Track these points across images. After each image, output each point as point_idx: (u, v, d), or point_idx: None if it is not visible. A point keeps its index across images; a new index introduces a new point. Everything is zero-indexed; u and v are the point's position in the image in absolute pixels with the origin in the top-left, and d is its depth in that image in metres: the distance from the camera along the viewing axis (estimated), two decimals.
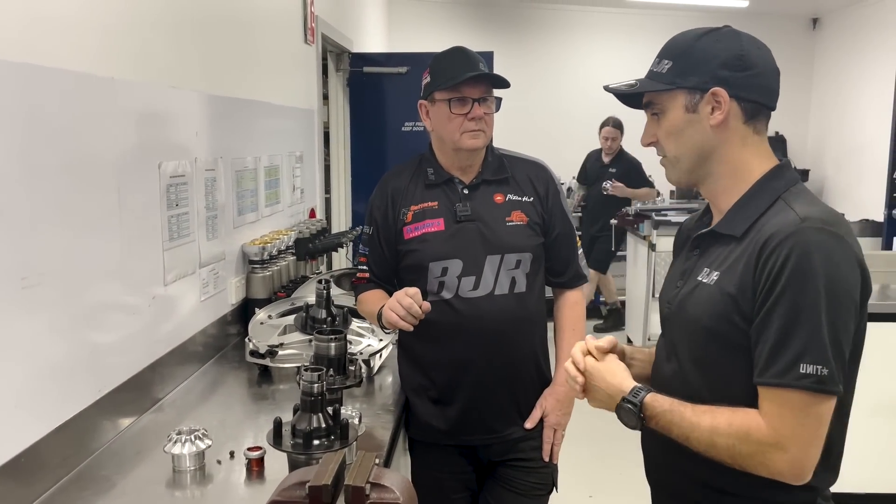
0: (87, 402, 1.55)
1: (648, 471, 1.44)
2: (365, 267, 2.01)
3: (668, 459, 1.32)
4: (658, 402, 1.22)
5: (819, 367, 1.11)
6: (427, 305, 1.73)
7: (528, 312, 1.93)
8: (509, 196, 1.92)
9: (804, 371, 1.11)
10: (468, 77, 1.80)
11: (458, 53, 1.88)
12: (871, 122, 6.57)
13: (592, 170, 6.14)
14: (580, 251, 2.03)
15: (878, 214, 5.33)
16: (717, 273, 1.24)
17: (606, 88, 1.34)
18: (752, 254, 1.18)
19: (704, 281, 1.26)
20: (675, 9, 7.29)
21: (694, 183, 1.32)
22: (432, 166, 1.94)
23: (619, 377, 1.28)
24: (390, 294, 1.91)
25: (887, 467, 3.06)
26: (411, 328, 1.75)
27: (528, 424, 1.95)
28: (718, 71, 1.23)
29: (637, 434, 1.31)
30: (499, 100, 1.91)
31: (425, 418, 1.94)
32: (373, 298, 1.94)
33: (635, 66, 1.51)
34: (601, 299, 6.83)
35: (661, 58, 1.29)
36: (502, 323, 1.87)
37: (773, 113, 1.30)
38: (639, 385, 1.26)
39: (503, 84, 1.87)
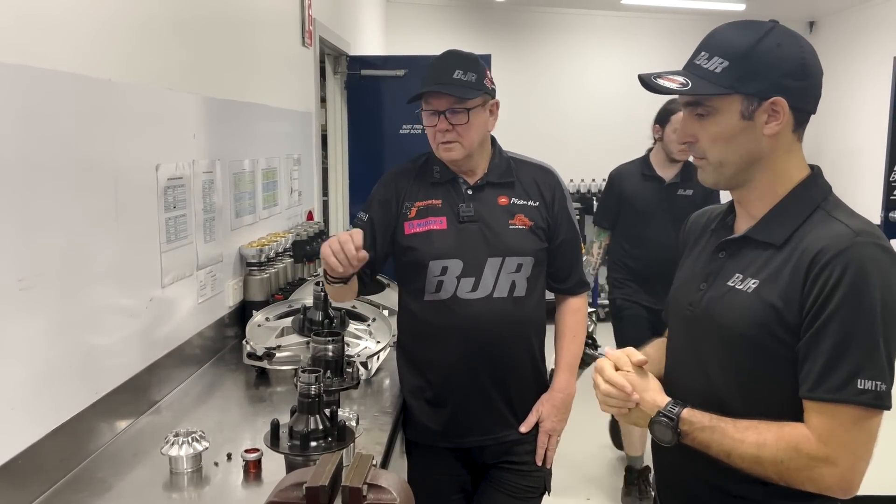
0: (84, 405, 1.55)
1: (660, 476, 1.42)
2: None
3: (682, 465, 1.30)
4: (696, 417, 1.20)
5: (878, 382, 1.10)
6: (364, 255, 1.67)
7: (526, 316, 1.91)
8: (513, 200, 1.91)
9: (862, 387, 1.10)
10: (422, 91, 1.82)
11: (437, 61, 1.87)
12: (867, 124, 6.58)
13: (643, 197, 3.32)
14: (584, 258, 2.03)
15: (875, 217, 5.35)
16: (754, 281, 1.20)
17: (646, 79, 1.23)
18: (798, 265, 1.15)
19: (739, 287, 1.22)
20: (672, 12, 7.31)
21: (730, 187, 1.28)
22: (438, 164, 1.93)
23: (651, 392, 1.25)
24: (360, 280, 1.88)
25: (890, 469, 3.06)
26: (344, 274, 1.69)
27: (523, 428, 1.94)
28: (782, 80, 1.17)
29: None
30: (486, 105, 1.86)
31: (421, 419, 1.94)
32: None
33: (633, 68, 1.50)
34: (599, 302, 6.82)
35: (712, 54, 1.20)
36: (498, 326, 1.85)
37: None
38: (672, 400, 1.23)
39: (463, 96, 1.80)
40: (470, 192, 1.90)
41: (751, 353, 1.20)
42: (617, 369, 1.28)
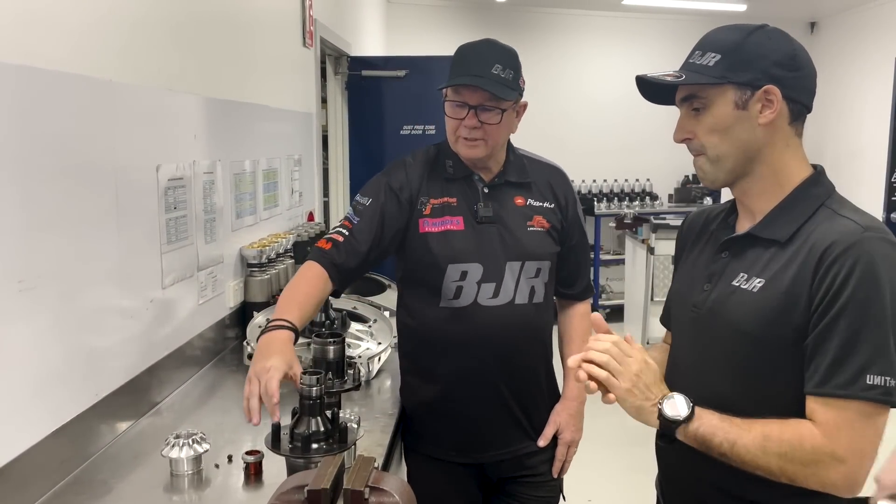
0: (85, 406, 1.55)
1: (666, 478, 1.40)
2: (347, 231, 1.72)
3: (687, 466, 1.29)
4: (704, 410, 1.17)
5: (887, 378, 1.09)
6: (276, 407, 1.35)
7: (543, 323, 1.85)
8: (530, 201, 1.81)
9: (871, 382, 1.09)
10: (456, 83, 1.68)
11: (473, 49, 1.74)
12: (869, 125, 6.58)
13: None
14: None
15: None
16: (759, 280, 1.20)
17: (643, 77, 1.26)
18: (807, 262, 1.15)
19: (744, 287, 1.21)
20: (673, 13, 7.31)
21: (730, 184, 1.27)
22: (451, 159, 1.80)
23: (658, 384, 1.22)
24: (338, 277, 1.68)
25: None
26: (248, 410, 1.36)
27: (542, 442, 1.87)
28: (772, 69, 1.19)
29: (637, 439, 1.29)
30: (516, 105, 1.75)
31: (433, 433, 1.85)
32: (303, 285, 1.63)
33: (634, 69, 1.48)
34: (600, 303, 6.84)
35: (705, 51, 1.23)
36: (519, 334, 1.77)
37: None
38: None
39: (503, 96, 1.69)
40: (486, 190, 1.79)
41: (758, 353, 1.19)
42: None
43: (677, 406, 1.17)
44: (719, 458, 1.17)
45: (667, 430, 1.18)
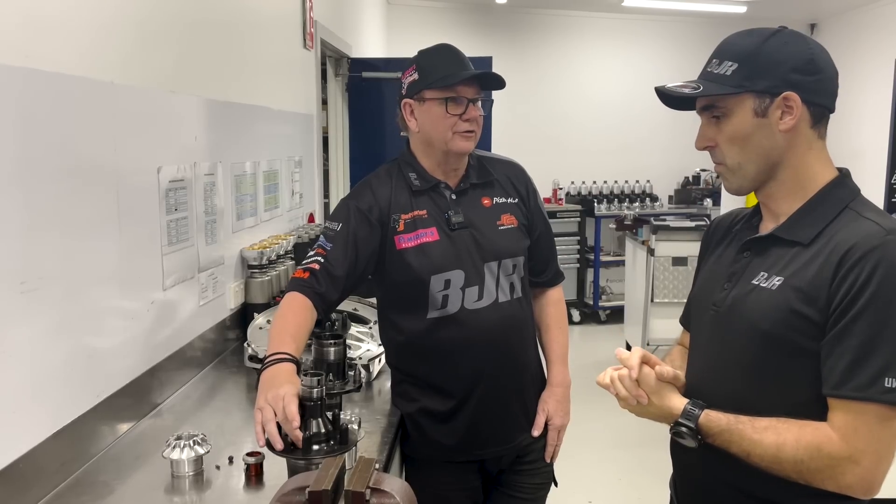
0: (86, 407, 1.55)
1: (680, 478, 1.41)
2: (322, 259, 1.72)
3: (701, 465, 1.29)
4: (713, 423, 1.20)
5: None
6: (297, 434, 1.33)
7: (527, 316, 1.90)
8: (496, 199, 1.86)
9: (889, 385, 1.09)
10: (466, 76, 1.74)
11: (448, 51, 1.81)
12: (869, 127, 6.58)
13: None
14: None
15: None
16: (779, 278, 1.20)
17: (661, 89, 1.27)
18: (828, 262, 1.15)
19: (763, 285, 1.22)
20: (674, 15, 7.31)
21: (755, 190, 1.27)
22: (415, 171, 1.84)
23: (664, 397, 1.26)
24: (322, 305, 1.69)
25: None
26: (262, 435, 1.35)
27: (536, 432, 1.91)
28: (790, 75, 1.19)
29: (637, 441, 1.29)
30: (490, 102, 1.85)
31: (431, 437, 1.85)
32: (292, 316, 1.64)
33: (634, 70, 1.48)
34: (600, 304, 6.84)
35: (722, 59, 1.23)
36: (508, 330, 1.82)
37: None
38: (689, 403, 1.23)
39: (500, 84, 1.78)
40: (454, 196, 1.83)
41: (774, 351, 1.19)
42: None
43: (686, 439, 1.22)
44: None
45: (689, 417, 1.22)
